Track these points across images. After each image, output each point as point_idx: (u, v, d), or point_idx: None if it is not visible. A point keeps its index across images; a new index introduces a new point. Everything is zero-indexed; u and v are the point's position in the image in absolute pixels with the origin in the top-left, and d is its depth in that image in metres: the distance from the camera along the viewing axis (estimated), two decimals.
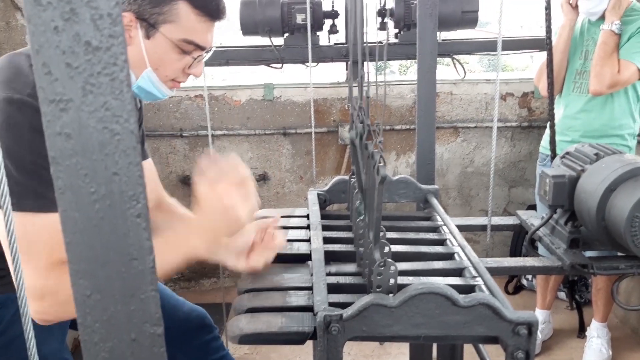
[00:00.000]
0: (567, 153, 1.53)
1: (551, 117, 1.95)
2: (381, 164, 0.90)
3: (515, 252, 3.24)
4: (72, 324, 1.37)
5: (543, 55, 2.09)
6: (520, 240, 3.22)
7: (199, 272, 3.42)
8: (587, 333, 2.67)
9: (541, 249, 1.96)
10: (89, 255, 0.42)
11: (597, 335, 2.60)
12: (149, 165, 1.52)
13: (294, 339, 0.97)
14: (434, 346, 1.72)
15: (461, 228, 1.33)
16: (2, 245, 1.06)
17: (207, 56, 1.22)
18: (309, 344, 1.04)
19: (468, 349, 1.46)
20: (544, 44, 1.71)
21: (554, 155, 1.98)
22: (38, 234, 1.01)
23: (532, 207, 3.05)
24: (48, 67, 0.37)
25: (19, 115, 1.02)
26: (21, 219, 0.98)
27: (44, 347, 1.21)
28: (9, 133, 1.00)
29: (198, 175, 1.08)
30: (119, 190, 0.40)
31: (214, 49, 1.22)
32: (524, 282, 3.23)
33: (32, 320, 0.93)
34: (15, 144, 0.99)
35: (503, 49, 1.92)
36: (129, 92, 0.38)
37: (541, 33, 2.40)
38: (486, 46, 3.06)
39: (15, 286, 0.60)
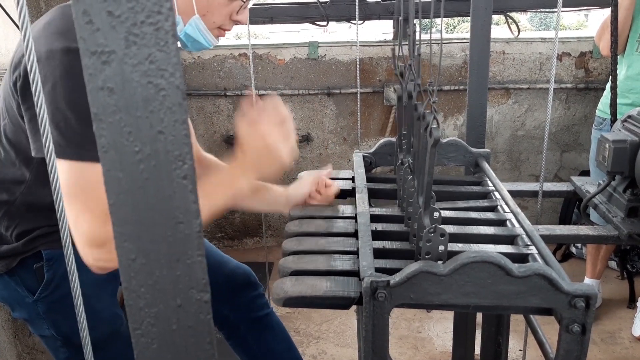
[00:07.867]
0: (629, 116, 1.44)
1: (613, 77, 1.83)
2: (434, 126, 0.86)
3: (565, 220, 3.14)
4: None
5: (601, 13, 1.96)
6: (570, 208, 3.11)
7: (242, 231, 3.46)
8: (637, 304, 2.59)
9: (594, 217, 1.88)
10: (133, 217, 0.40)
11: None
12: None
13: (339, 303, 0.96)
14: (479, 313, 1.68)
15: (511, 194, 1.28)
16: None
17: (252, 1, 1.19)
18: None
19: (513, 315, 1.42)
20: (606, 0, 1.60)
21: (614, 118, 1.88)
22: (98, 183, 1.01)
23: (585, 172, 2.93)
24: (88, 16, 0.34)
25: (79, 64, 1.01)
26: (80, 168, 0.98)
27: (97, 303, 1.23)
28: (70, 82, 0.98)
29: (239, 117, 1.08)
30: (164, 149, 0.38)
31: None
32: (573, 249, 3.13)
33: (87, 276, 0.95)
34: (76, 93, 0.98)
35: (562, 6, 1.80)
36: (175, 43, 0.35)
37: None
38: (544, 2, 2.89)
39: (62, 243, 0.60)
